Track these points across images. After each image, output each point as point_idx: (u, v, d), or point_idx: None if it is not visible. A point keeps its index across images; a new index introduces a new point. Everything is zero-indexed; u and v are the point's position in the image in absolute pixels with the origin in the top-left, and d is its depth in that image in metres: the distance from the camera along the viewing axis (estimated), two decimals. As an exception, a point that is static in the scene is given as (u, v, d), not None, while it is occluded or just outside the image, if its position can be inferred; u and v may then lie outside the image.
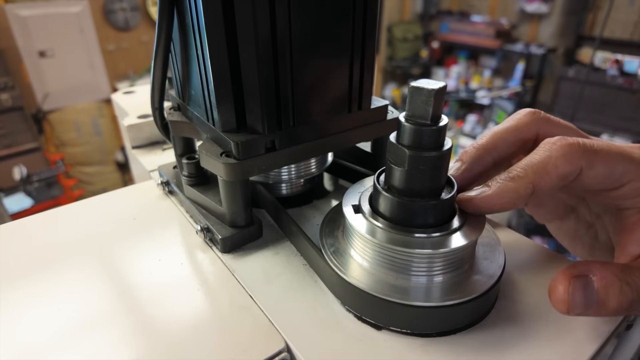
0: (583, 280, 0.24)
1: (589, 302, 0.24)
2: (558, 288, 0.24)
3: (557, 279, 0.24)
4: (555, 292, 0.24)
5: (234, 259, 0.35)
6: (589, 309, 0.24)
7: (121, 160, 3.21)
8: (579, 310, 0.24)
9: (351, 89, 0.35)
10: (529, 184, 0.26)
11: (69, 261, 0.35)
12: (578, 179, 0.26)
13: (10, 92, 2.63)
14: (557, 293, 0.24)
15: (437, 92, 0.25)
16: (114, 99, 0.70)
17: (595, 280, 0.24)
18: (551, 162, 0.26)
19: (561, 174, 0.26)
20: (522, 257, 0.34)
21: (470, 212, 0.28)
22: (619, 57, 3.29)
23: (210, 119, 0.34)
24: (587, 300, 0.23)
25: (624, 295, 0.23)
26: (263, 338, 0.27)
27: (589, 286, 0.24)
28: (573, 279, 0.24)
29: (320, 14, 0.31)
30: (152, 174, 0.49)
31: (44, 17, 2.67)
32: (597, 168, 0.26)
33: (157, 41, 0.34)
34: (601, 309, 0.24)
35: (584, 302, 0.24)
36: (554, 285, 0.25)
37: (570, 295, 0.24)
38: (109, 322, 0.29)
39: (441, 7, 4.45)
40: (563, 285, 0.24)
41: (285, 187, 0.42)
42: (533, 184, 0.26)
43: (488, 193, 0.27)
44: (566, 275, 0.24)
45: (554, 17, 3.63)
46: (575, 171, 0.26)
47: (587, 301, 0.24)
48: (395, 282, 0.27)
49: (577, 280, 0.24)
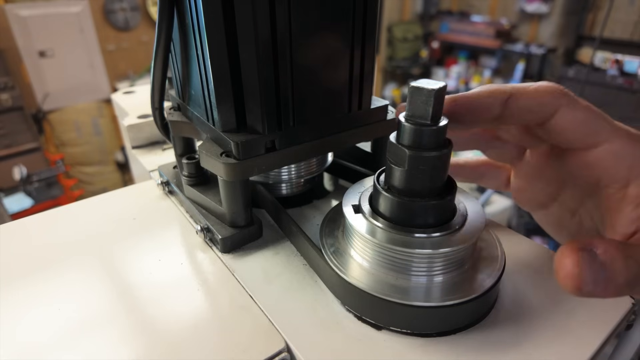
0: (589, 254, 0.22)
1: (598, 277, 0.21)
2: (565, 262, 0.22)
3: (563, 253, 0.22)
4: (563, 267, 0.22)
5: (234, 259, 0.35)
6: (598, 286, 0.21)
7: (121, 160, 3.21)
8: (589, 287, 0.21)
9: (351, 89, 0.35)
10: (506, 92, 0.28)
11: (69, 261, 0.35)
12: (555, 119, 0.28)
13: (10, 92, 2.63)
14: (566, 267, 0.22)
15: (437, 92, 0.25)
16: (114, 99, 0.70)
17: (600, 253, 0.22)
18: (533, 86, 0.28)
19: (540, 99, 0.27)
20: (522, 257, 0.34)
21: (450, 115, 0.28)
22: (619, 57, 3.29)
23: (210, 119, 0.34)
24: (596, 275, 0.21)
25: (629, 269, 0.22)
26: (263, 338, 0.27)
27: (596, 260, 0.22)
28: (580, 252, 0.22)
29: (321, 14, 0.31)
30: (152, 174, 0.49)
31: (44, 17, 2.67)
32: (575, 112, 0.27)
33: (157, 41, 0.34)
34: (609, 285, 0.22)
35: (593, 277, 0.21)
36: (560, 259, 0.22)
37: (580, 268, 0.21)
38: (109, 322, 0.29)
39: (441, 7, 4.45)
40: (571, 258, 0.22)
41: (285, 187, 0.42)
42: (510, 92, 0.28)
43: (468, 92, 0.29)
44: (572, 248, 0.22)
45: (554, 17, 3.63)
46: (553, 104, 0.27)
47: (596, 276, 0.21)
48: (395, 282, 0.27)
49: (583, 253, 0.22)
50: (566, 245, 0.23)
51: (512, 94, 0.28)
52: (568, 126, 0.28)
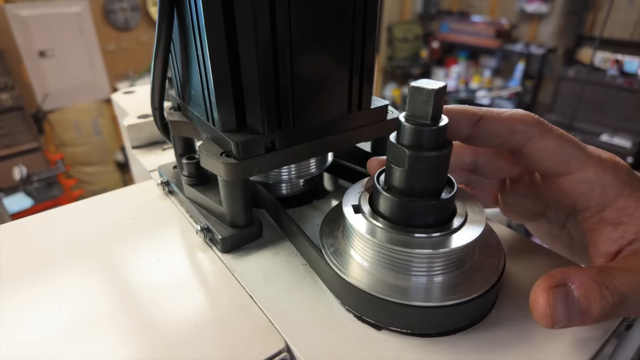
0: (562, 290, 0.23)
1: (572, 312, 0.22)
2: (539, 302, 0.23)
3: (536, 293, 0.23)
4: (536, 307, 0.23)
5: (234, 259, 0.35)
6: (573, 319, 0.22)
7: (121, 160, 3.21)
8: (563, 323, 0.22)
9: (351, 89, 0.35)
10: (478, 114, 0.28)
11: (69, 261, 0.35)
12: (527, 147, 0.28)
13: (10, 92, 2.63)
14: (539, 307, 0.23)
15: (437, 92, 0.25)
16: (114, 99, 0.70)
17: (574, 287, 0.23)
18: (507, 113, 0.28)
19: (511, 127, 0.28)
20: (522, 257, 0.34)
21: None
22: (619, 57, 3.29)
23: (210, 119, 0.34)
24: (569, 310, 0.22)
25: (604, 299, 0.22)
26: (263, 338, 0.27)
27: (570, 295, 0.22)
28: (552, 290, 0.23)
29: (321, 14, 0.31)
30: (152, 174, 0.49)
31: (44, 17, 2.67)
32: (547, 141, 0.27)
33: (157, 41, 0.34)
34: (585, 317, 0.22)
35: (567, 312, 0.22)
36: (534, 299, 0.23)
37: (552, 307, 0.22)
38: (109, 322, 0.29)
39: (441, 7, 4.44)
40: (543, 297, 0.23)
41: (285, 187, 0.42)
42: (483, 115, 0.28)
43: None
44: (544, 287, 0.23)
45: (554, 17, 3.63)
46: (525, 132, 0.28)
47: (570, 311, 0.22)
48: (395, 282, 0.27)
49: (556, 290, 0.23)
50: (540, 283, 0.24)
51: (484, 117, 0.28)
52: (540, 155, 0.28)
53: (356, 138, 0.38)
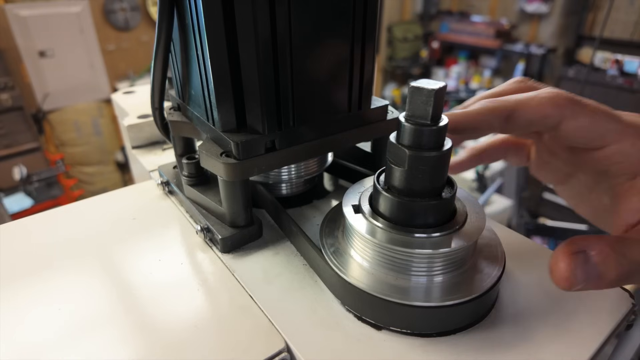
0: (583, 256, 0.24)
1: (590, 276, 0.24)
2: (559, 265, 0.24)
3: (558, 257, 0.24)
4: (557, 270, 0.24)
5: (234, 259, 0.35)
6: (590, 283, 0.24)
7: (121, 160, 3.21)
8: (579, 286, 0.24)
9: (351, 89, 0.35)
10: (507, 108, 0.28)
11: (69, 261, 0.35)
12: (561, 128, 0.27)
13: (10, 92, 2.63)
14: (559, 270, 0.24)
15: (437, 92, 0.25)
16: (114, 99, 0.70)
17: (594, 254, 0.24)
18: (536, 99, 0.27)
19: (542, 113, 0.27)
20: (522, 257, 0.34)
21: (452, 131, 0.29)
22: (619, 57, 3.29)
23: (210, 119, 0.34)
24: (587, 274, 0.24)
25: (620, 266, 0.24)
26: (263, 338, 0.27)
27: (589, 261, 0.24)
28: (573, 256, 0.24)
29: (321, 14, 0.31)
30: (152, 174, 0.49)
31: (44, 17, 2.67)
32: (580, 119, 0.27)
33: (157, 41, 0.34)
34: (601, 281, 0.24)
35: (584, 276, 0.24)
36: (555, 262, 0.24)
37: (572, 272, 0.24)
38: (109, 322, 0.29)
39: (441, 7, 4.44)
40: (565, 262, 0.24)
41: (285, 187, 0.42)
42: (512, 108, 0.27)
43: (468, 109, 0.29)
44: (566, 252, 0.24)
45: (554, 17, 3.63)
46: (557, 115, 0.27)
47: (588, 276, 0.24)
48: (395, 282, 0.27)
49: (577, 256, 0.24)
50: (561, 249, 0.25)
51: (514, 110, 0.28)
52: (574, 133, 0.28)
53: (356, 138, 0.38)
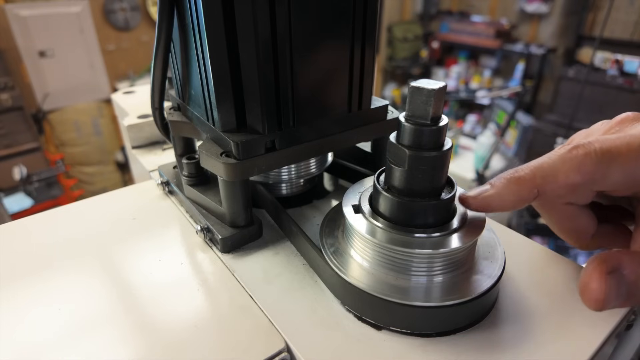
0: (617, 276, 0.22)
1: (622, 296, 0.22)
2: (592, 286, 0.22)
3: (591, 276, 0.23)
4: (589, 291, 0.23)
5: (234, 259, 0.35)
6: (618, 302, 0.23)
7: (121, 160, 3.21)
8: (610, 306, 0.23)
9: (351, 89, 0.35)
10: (534, 189, 0.25)
11: (69, 261, 0.35)
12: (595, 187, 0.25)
13: (10, 92, 2.62)
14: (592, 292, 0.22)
15: (437, 92, 0.25)
16: (114, 99, 0.70)
17: (627, 273, 0.22)
18: (562, 170, 0.24)
19: (571, 183, 0.25)
20: (522, 257, 0.34)
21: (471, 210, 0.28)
22: (619, 57, 3.29)
23: (210, 119, 0.34)
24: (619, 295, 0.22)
25: None
26: (263, 338, 0.27)
27: (622, 281, 0.22)
28: (607, 276, 0.22)
29: (321, 14, 0.31)
30: (152, 174, 0.49)
31: (44, 17, 2.67)
32: (614, 176, 0.24)
33: (157, 41, 0.34)
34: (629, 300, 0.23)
35: (616, 297, 0.22)
36: (587, 282, 0.23)
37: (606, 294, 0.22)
38: (109, 322, 0.29)
39: (441, 7, 4.44)
40: (597, 282, 0.22)
41: (285, 187, 0.42)
42: (538, 189, 0.25)
43: (490, 193, 0.26)
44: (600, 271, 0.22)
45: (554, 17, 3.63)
46: (587, 182, 0.25)
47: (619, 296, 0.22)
48: (395, 282, 0.27)
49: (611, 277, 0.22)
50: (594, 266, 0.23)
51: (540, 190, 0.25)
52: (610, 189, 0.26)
53: (356, 138, 0.38)
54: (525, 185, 0.25)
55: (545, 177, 0.25)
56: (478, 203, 0.27)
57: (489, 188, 0.26)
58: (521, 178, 0.25)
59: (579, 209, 0.30)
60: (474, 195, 0.27)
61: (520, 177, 0.25)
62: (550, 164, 0.25)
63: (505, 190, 0.26)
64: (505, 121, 2.70)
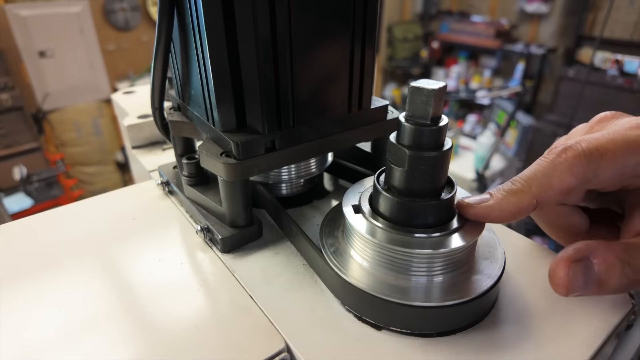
0: (583, 265, 0.23)
1: (589, 283, 0.23)
2: (558, 273, 0.24)
3: (558, 265, 0.24)
4: (554, 277, 0.24)
5: (234, 259, 0.35)
6: (588, 290, 0.24)
7: (121, 160, 3.21)
8: (577, 293, 0.24)
9: (351, 89, 0.35)
10: (532, 199, 0.25)
11: (69, 261, 0.35)
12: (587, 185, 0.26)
13: (10, 92, 2.63)
14: (557, 278, 0.24)
15: (437, 92, 0.25)
16: (114, 99, 0.70)
17: (596, 262, 0.23)
18: (556, 175, 0.25)
19: (566, 187, 0.25)
20: (522, 257, 0.34)
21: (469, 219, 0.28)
22: (619, 57, 3.29)
23: (210, 119, 0.34)
24: (586, 282, 0.23)
25: (625, 276, 0.23)
26: (263, 338, 0.27)
27: (589, 269, 0.23)
28: (573, 264, 0.24)
29: (321, 14, 0.31)
30: (152, 174, 0.49)
31: (44, 17, 2.67)
32: (604, 173, 0.25)
33: (157, 41, 0.34)
34: (601, 289, 0.23)
35: (583, 284, 0.23)
36: (554, 269, 0.24)
37: (570, 279, 0.23)
38: (109, 321, 0.29)
39: (441, 7, 4.44)
40: (563, 270, 0.24)
41: (285, 187, 0.42)
42: (537, 199, 0.25)
43: (489, 203, 0.27)
44: (566, 259, 0.24)
45: (554, 17, 3.63)
46: (580, 183, 0.25)
47: (587, 283, 0.23)
48: (395, 282, 0.27)
49: (576, 265, 0.23)
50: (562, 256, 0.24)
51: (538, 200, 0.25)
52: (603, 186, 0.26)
53: (356, 138, 0.38)
54: (524, 198, 0.26)
55: (541, 185, 0.25)
56: (477, 212, 0.27)
57: (489, 198, 0.27)
58: (519, 191, 0.26)
59: (570, 208, 0.31)
60: (473, 203, 0.27)
61: (517, 190, 0.26)
62: (543, 172, 0.26)
63: (505, 202, 0.26)
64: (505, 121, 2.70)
